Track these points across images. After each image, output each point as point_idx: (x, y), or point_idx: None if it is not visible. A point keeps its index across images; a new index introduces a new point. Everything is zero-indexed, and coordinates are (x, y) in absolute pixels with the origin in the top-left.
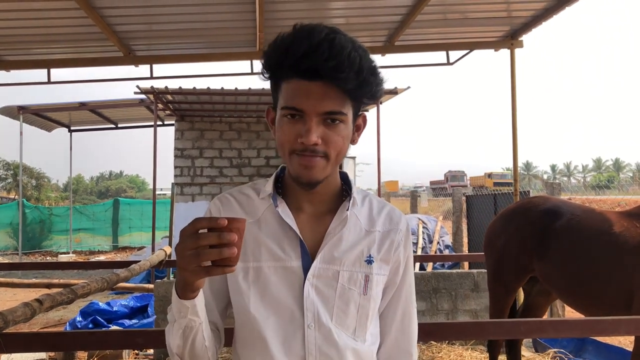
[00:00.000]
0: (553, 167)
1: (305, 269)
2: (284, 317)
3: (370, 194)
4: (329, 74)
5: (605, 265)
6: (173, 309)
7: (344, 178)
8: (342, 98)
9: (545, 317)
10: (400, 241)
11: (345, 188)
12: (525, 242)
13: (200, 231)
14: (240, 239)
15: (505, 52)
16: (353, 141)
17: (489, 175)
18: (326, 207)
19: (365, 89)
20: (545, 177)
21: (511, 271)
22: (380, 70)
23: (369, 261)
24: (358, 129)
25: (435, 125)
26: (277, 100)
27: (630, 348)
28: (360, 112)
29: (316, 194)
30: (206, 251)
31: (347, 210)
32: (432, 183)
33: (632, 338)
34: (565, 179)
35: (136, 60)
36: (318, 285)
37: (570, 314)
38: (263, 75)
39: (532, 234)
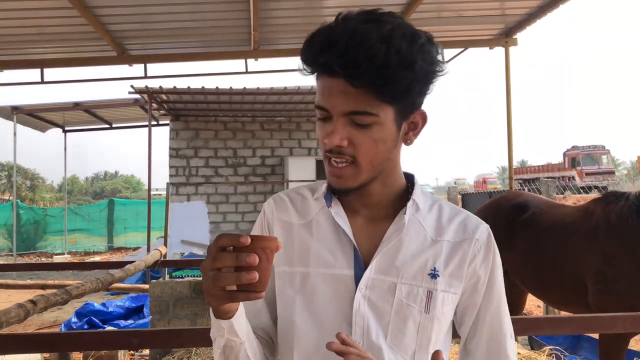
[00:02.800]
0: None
1: (358, 278)
2: (330, 330)
3: (442, 199)
4: (342, 70)
5: (559, 253)
6: (212, 325)
7: (410, 179)
8: (366, 96)
9: (541, 314)
10: (477, 253)
11: (410, 191)
12: (496, 235)
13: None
14: (268, 260)
15: (500, 50)
16: (407, 142)
17: None
18: (385, 212)
19: (395, 86)
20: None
21: None
22: (429, 61)
23: (434, 275)
24: (415, 127)
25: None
26: None
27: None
28: (416, 110)
29: (371, 197)
30: (223, 274)
31: (405, 214)
32: (518, 171)
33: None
34: None
35: (130, 60)
36: (371, 298)
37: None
38: (305, 71)
39: (501, 227)
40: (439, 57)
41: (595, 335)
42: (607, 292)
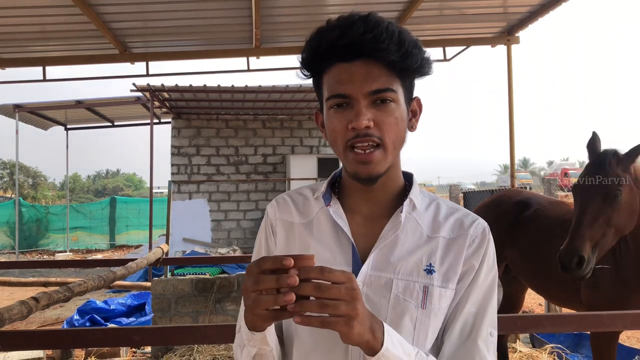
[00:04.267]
0: (550, 163)
1: (356, 275)
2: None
3: (440, 198)
4: (368, 46)
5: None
6: (243, 335)
7: (409, 179)
8: (387, 74)
9: (542, 312)
10: (470, 247)
11: (408, 189)
12: (499, 232)
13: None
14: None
15: (502, 48)
16: (411, 128)
17: None
18: (383, 210)
19: (410, 62)
20: (542, 173)
21: None
22: (423, 49)
23: (429, 271)
24: (414, 114)
25: (426, 123)
26: (322, 98)
27: (626, 343)
28: (415, 96)
29: (374, 194)
30: (263, 297)
31: (402, 212)
32: None
33: (629, 333)
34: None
35: (132, 58)
36: (368, 294)
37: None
38: (302, 73)
39: (504, 224)
40: None
41: None
42: (596, 288)
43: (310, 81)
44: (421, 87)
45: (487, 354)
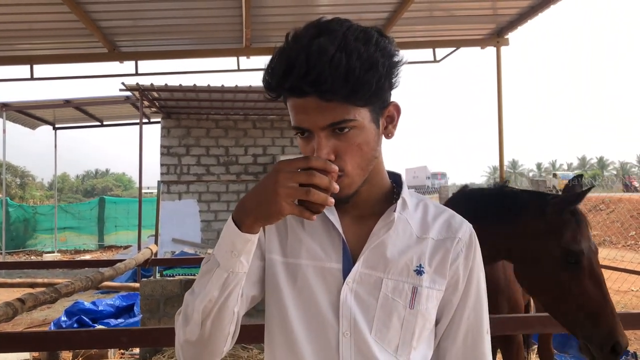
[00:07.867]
0: (539, 165)
1: (346, 272)
2: (319, 321)
3: (427, 198)
4: (310, 90)
5: None
6: (221, 250)
7: (396, 180)
8: (341, 106)
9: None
10: (460, 252)
11: (396, 191)
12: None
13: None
14: None
15: (491, 50)
16: (387, 135)
17: None
18: (372, 210)
19: (363, 91)
20: (531, 175)
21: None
22: (388, 56)
23: (419, 271)
24: (391, 120)
25: (412, 125)
26: None
27: None
28: (389, 102)
29: (360, 197)
30: (316, 192)
31: (394, 212)
32: None
33: None
34: (550, 176)
35: (121, 57)
36: (358, 291)
37: None
38: (269, 94)
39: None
40: (394, 48)
41: None
42: None
43: None
44: (409, 89)
45: (489, 353)
